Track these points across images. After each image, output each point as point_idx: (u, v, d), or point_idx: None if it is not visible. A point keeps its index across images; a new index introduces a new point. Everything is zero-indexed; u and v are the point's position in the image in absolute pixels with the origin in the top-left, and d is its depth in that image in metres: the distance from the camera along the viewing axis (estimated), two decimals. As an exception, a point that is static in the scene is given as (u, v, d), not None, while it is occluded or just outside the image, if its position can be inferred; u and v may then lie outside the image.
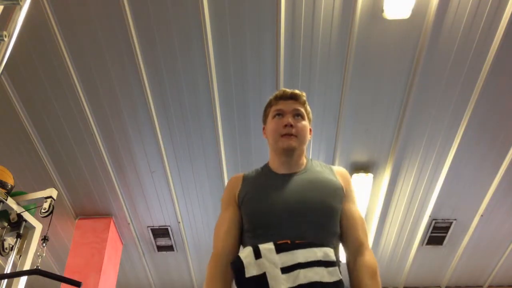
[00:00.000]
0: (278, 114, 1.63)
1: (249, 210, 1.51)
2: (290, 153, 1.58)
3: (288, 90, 1.67)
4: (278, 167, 1.60)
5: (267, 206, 1.47)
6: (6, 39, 1.77)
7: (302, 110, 1.64)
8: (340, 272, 1.36)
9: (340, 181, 1.57)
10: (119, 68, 3.85)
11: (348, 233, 1.49)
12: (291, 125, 1.58)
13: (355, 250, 1.46)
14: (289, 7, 3.49)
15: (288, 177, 1.55)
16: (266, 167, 1.65)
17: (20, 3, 1.85)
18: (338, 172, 1.62)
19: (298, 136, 1.59)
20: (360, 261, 1.43)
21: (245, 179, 1.63)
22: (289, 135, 1.58)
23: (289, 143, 1.56)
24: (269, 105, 1.69)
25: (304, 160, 1.63)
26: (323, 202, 1.47)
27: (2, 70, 1.76)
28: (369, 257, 1.44)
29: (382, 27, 3.59)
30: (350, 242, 1.48)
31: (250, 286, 1.33)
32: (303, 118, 1.63)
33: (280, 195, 1.48)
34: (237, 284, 1.37)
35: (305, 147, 1.64)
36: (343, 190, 1.55)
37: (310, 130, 1.67)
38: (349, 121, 4.27)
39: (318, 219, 1.43)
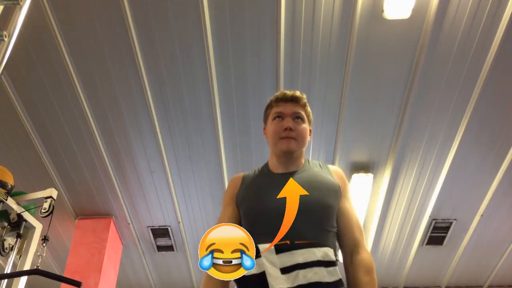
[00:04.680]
0: (278, 117, 1.63)
1: (247, 210, 1.52)
2: (289, 155, 1.59)
3: (289, 93, 1.66)
4: (276, 167, 1.61)
5: (265, 206, 1.47)
6: (6, 39, 1.77)
7: (303, 112, 1.64)
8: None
9: (337, 180, 1.59)
10: (119, 68, 3.84)
11: (344, 232, 1.50)
12: (291, 129, 1.58)
13: (351, 249, 1.47)
14: (289, 7, 3.48)
15: (286, 176, 1.55)
16: (265, 167, 1.66)
17: (20, 3, 1.85)
18: (334, 171, 1.64)
19: (298, 139, 1.60)
20: (356, 259, 1.44)
21: (244, 178, 1.64)
22: (289, 138, 1.58)
23: (288, 146, 1.57)
24: (270, 106, 1.69)
25: (302, 161, 1.64)
26: (321, 202, 1.47)
27: (2, 70, 1.76)
28: (365, 255, 1.45)
29: (382, 27, 3.59)
30: (346, 240, 1.49)
31: (249, 284, 1.33)
32: (303, 121, 1.64)
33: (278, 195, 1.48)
34: (236, 282, 1.38)
35: (304, 149, 1.65)
36: (340, 189, 1.56)
37: (310, 131, 1.68)
38: (349, 121, 4.27)
39: (317, 218, 1.44)
